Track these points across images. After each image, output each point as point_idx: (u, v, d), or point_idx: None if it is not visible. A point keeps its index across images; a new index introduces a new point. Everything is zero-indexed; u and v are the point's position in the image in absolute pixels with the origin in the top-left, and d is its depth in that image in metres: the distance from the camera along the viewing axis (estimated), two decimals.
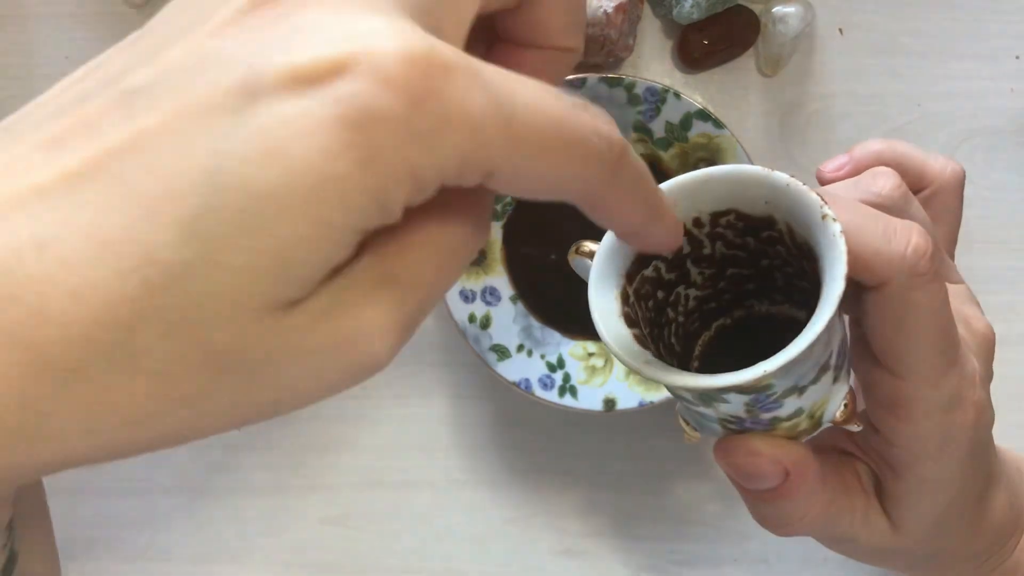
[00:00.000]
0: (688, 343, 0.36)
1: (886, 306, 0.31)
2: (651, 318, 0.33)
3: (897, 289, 0.31)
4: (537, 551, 0.56)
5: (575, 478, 0.56)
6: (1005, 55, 0.56)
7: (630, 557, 0.56)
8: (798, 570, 0.56)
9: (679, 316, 0.35)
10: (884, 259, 0.31)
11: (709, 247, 0.34)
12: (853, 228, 0.31)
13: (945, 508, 0.35)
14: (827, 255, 0.30)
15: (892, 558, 0.38)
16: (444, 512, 0.56)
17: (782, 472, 0.32)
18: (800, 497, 0.33)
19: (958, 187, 0.41)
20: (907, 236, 0.31)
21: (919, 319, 0.31)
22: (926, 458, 0.34)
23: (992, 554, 0.38)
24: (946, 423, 0.33)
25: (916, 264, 0.31)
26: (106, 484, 0.56)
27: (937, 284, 0.31)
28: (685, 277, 0.34)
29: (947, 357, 0.32)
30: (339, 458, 0.56)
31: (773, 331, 0.36)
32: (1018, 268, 0.56)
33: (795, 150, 0.56)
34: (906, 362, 0.32)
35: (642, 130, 0.53)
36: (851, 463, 0.36)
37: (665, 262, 0.33)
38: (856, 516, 0.35)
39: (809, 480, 0.33)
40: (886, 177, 0.36)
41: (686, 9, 0.53)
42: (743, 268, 0.34)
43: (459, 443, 0.56)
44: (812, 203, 0.30)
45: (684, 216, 0.32)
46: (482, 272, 0.54)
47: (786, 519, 0.34)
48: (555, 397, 0.52)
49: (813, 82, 0.56)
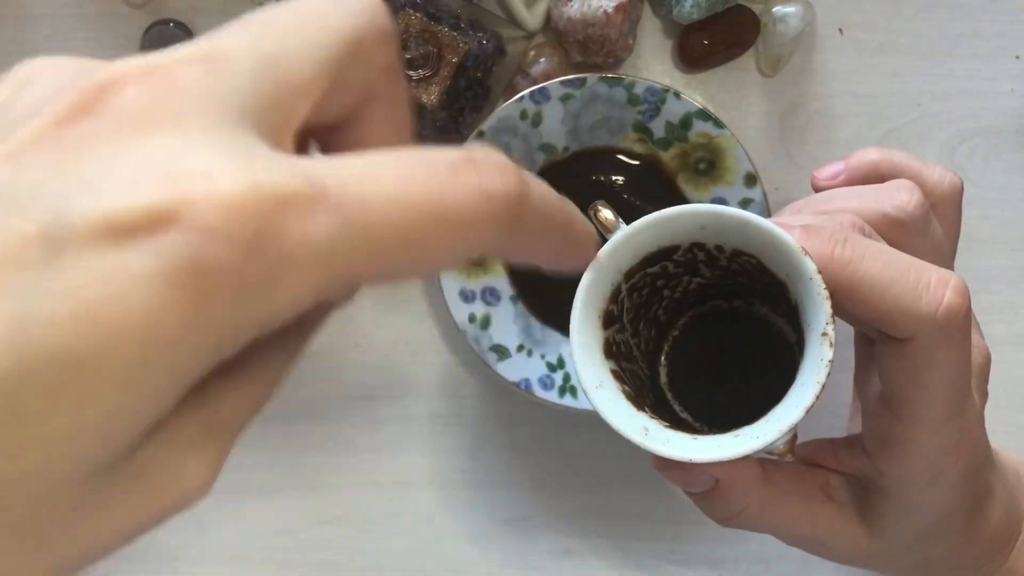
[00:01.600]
0: (677, 314, 0.37)
1: (906, 359, 0.30)
2: (641, 301, 0.34)
3: (921, 347, 0.30)
4: (537, 551, 0.56)
5: (575, 478, 0.56)
6: (1005, 55, 0.56)
7: (630, 557, 0.56)
8: (798, 570, 0.56)
9: (675, 294, 0.36)
10: (912, 318, 0.29)
11: (724, 262, 0.34)
12: (883, 280, 0.29)
13: (929, 525, 0.35)
14: (809, 363, 0.30)
15: (873, 563, 0.38)
16: (444, 512, 0.56)
17: (711, 480, 0.34)
18: (733, 497, 0.34)
19: (956, 199, 0.40)
20: (940, 294, 0.29)
21: (936, 375, 0.30)
22: (914, 490, 0.34)
23: (988, 560, 0.38)
24: (939, 463, 0.33)
25: (947, 326, 0.29)
26: None
27: (964, 344, 0.30)
28: (694, 272, 0.35)
29: (954, 408, 0.31)
30: (339, 458, 0.56)
31: (760, 334, 0.36)
32: (1018, 268, 0.56)
33: (795, 150, 0.56)
34: (913, 410, 0.31)
35: (642, 130, 0.53)
36: (819, 474, 0.36)
37: (675, 263, 0.34)
38: (817, 522, 0.36)
39: (740, 484, 0.34)
40: (910, 192, 0.35)
41: (686, 9, 0.53)
42: (754, 283, 0.35)
43: (459, 443, 0.56)
44: (821, 312, 0.30)
45: (710, 240, 0.32)
46: (482, 272, 0.54)
47: (723, 513, 0.35)
48: (555, 397, 0.52)
49: (813, 82, 0.56)
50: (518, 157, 0.53)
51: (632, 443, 0.31)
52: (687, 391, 0.36)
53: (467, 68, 0.53)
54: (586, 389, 0.31)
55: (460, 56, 0.53)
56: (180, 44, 0.17)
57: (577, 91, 0.51)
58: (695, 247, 0.33)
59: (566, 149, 0.54)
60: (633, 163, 0.54)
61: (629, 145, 0.53)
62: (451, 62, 0.53)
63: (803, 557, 0.56)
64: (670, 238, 0.32)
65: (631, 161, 0.54)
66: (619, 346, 0.33)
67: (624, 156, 0.54)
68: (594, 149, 0.54)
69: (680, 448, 0.30)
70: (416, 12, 0.53)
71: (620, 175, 0.54)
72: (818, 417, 0.40)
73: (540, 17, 0.54)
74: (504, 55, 0.54)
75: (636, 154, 0.53)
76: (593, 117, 0.53)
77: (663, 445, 0.30)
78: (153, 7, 0.55)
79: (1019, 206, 0.56)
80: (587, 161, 0.54)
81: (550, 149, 0.53)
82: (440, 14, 0.53)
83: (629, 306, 0.33)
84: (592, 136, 0.53)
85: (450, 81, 0.53)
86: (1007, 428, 0.36)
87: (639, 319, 0.35)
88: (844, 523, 0.36)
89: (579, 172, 0.54)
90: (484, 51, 0.53)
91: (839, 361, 0.34)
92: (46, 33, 0.56)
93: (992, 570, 0.38)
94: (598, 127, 0.53)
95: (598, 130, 0.53)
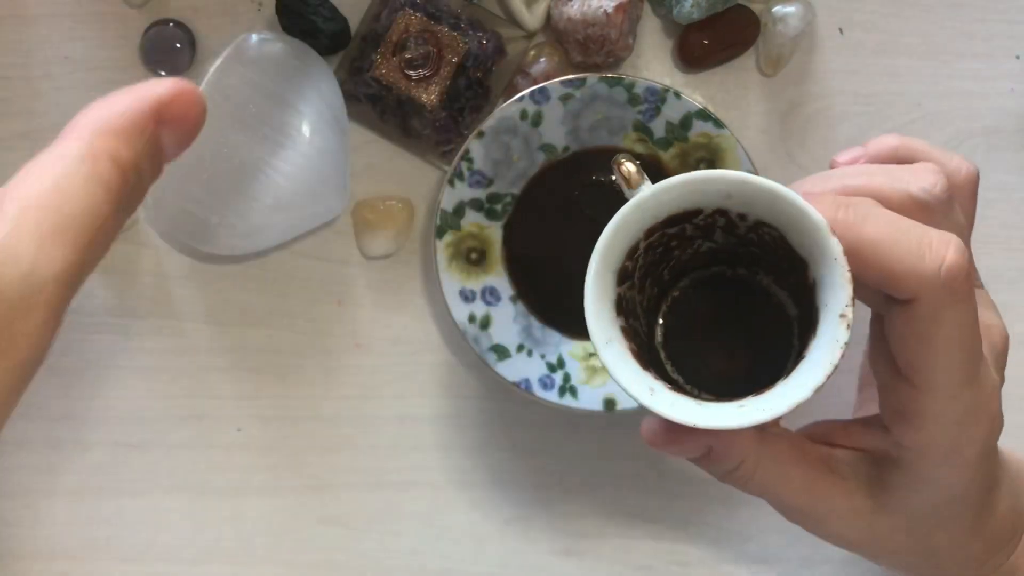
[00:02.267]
0: (680, 275, 0.37)
1: (914, 321, 0.31)
2: (653, 260, 0.34)
3: (927, 306, 0.30)
4: (537, 551, 0.56)
5: (575, 478, 0.56)
6: (1005, 55, 0.56)
7: (630, 557, 0.56)
8: (798, 570, 0.56)
9: (684, 256, 0.36)
10: (915, 276, 0.30)
11: (743, 231, 0.34)
12: (887, 240, 0.30)
13: (939, 507, 0.35)
14: (823, 342, 0.30)
15: (874, 545, 0.37)
16: (444, 512, 0.56)
17: (704, 447, 0.35)
18: (727, 458, 0.35)
19: (973, 187, 0.40)
20: (942, 253, 0.30)
21: (947, 337, 0.30)
22: (931, 463, 0.34)
23: (991, 556, 0.38)
24: (957, 434, 0.33)
25: (949, 283, 0.30)
26: (106, 484, 0.56)
27: (969, 303, 0.30)
28: (709, 237, 0.35)
29: (968, 373, 0.32)
30: (339, 458, 0.56)
31: (760, 304, 0.36)
32: (1018, 268, 0.56)
33: (795, 150, 0.56)
34: (927, 376, 0.31)
35: (642, 130, 0.53)
36: (822, 448, 0.37)
37: (694, 227, 0.33)
38: (814, 491, 0.36)
39: (734, 445, 0.35)
40: (936, 175, 0.35)
41: (686, 9, 0.53)
42: (765, 254, 0.35)
43: (459, 443, 0.56)
44: (843, 292, 0.30)
45: (734, 207, 0.32)
46: (482, 272, 0.54)
47: (717, 471, 0.36)
48: (555, 397, 0.52)
49: (813, 82, 0.56)
50: (518, 157, 0.53)
51: (638, 401, 0.30)
52: (680, 351, 0.36)
53: (467, 68, 0.53)
54: (596, 344, 0.31)
55: (460, 56, 0.53)
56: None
57: (577, 91, 0.51)
58: (718, 213, 0.32)
59: (566, 149, 0.54)
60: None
61: (629, 145, 0.53)
62: (451, 62, 0.53)
63: (803, 557, 0.56)
64: (695, 202, 0.32)
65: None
66: (627, 303, 0.33)
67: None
68: (594, 149, 0.54)
69: (685, 412, 0.30)
70: (416, 12, 0.53)
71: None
72: (819, 416, 0.40)
73: (540, 17, 0.54)
74: (504, 55, 0.54)
75: (636, 154, 0.53)
76: (593, 117, 0.53)
77: (668, 408, 0.30)
78: (153, 7, 0.55)
79: (1019, 206, 0.56)
80: (587, 161, 0.54)
81: (550, 149, 0.53)
82: (440, 14, 0.53)
83: (642, 264, 0.33)
84: (592, 136, 0.53)
85: (450, 81, 0.53)
86: (1007, 428, 0.36)
87: (646, 276, 0.34)
88: (844, 495, 0.36)
89: (579, 172, 0.54)
90: (484, 51, 0.53)
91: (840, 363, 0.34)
92: (46, 33, 0.56)
93: (994, 567, 0.38)
94: (598, 127, 0.53)
95: (598, 130, 0.53)
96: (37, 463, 0.56)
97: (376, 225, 0.55)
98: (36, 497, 0.56)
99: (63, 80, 0.56)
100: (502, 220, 0.54)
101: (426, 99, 0.53)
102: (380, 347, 0.56)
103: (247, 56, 0.51)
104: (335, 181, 0.53)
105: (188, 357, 0.56)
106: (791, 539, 0.55)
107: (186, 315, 0.56)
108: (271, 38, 0.52)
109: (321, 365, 0.56)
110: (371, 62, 0.53)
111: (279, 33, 0.54)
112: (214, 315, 0.56)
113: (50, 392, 0.55)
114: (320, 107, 0.52)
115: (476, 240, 0.54)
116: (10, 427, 0.61)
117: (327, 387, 0.56)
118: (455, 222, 0.53)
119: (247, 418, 0.56)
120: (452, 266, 0.53)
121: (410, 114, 0.54)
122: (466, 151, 0.52)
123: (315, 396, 0.56)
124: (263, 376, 0.56)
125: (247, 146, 0.51)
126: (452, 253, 0.53)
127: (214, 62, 0.52)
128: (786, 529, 0.38)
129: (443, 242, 0.53)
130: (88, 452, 0.56)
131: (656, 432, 0.34)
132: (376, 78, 0.53)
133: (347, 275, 0.56)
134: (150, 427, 0.56)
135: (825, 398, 0.48)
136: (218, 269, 0.56)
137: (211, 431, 0.56)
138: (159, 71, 0.55)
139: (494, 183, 0.53)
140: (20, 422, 0.55)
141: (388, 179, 0.56)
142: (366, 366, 0.56)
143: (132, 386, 0.56)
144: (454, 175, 0.52)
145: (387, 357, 0.56)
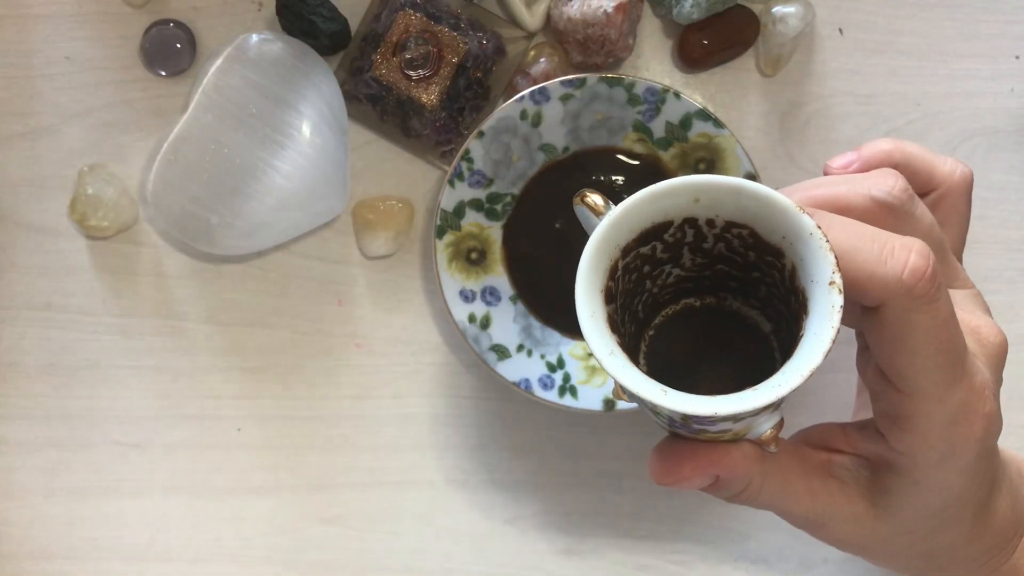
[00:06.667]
0: (652, 312, 0.37)
1: (885, 326, 0.31)
2: (629, 289, 0.34)
3: (895, 311, 0.31)
4: (537, 551, 0.56)
5: (575, 478, 0.56)
6: (1005, 55, 0.56)
7: (630, 557, 0.56)
8: (798, 570, 0.56)
9: (655, 288, 0.36)
10: (879, 282, 0.30)
11: (711, 244, 0.34)
12: (849, 248, 0.30)
13: (939, 509, 0.35)
14: (817, 314, 0.30)
15: (875, 549, 0.37)
16: (444, 512, 0.56)
17: (711, 477, 0.35)
18: (734, 482, 0.35)
19: (967, 189, 0.41)
20: (904, 257, 0.30)
21: (919, 339, 0.31)
22: (926, 466, 0.34)
23: (992, 556, 0.38)
24: (951, 436, 0.33)
25: (913, 287, 0.30)
26: (106, 484, 0.56)
27: (938, 304, 0.31)
28: (677, 259, 0.35)
29: (952, 373, 0.32)
30: (339, 458, 0.56)
31: (734, 328, 0.37)
32: (1018, 268, 0.56)
33: (795, 150, 0.56)
34: (909, 379, 0.32)
35: (642, 130, 0.53)
36: (822, 454, 0.37)
37: (664, 244, 0.34)
38: (817, 498, 0.36)
39: (739, 468, 0.35)
40: (895, 177, 0.36)
41: (686, 9, 0.53)
42: (733, 269, 0.35)
43: (459, 443, 0.56)
44: (826, 263, 0.30)
45: (702, 213, 0.32)
46: (482, 272, 0.54)
47: (727, 495, 0.36)
48: (555, 397, 0.52)
49: (813, 82, 0.56)
50: (518, 157, 0.53)
51: (652, 403, 0.30)
52: (668, 384, 0.36)
53: (467, 68, 0.53)
54: (599, 356, 0.31)
55: (460, 56, 0.53)
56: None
57: (577, 91, 0.51)
58: (687, 223, 0.33)
59: (566, 149, 0.54)
60: (633, 163, 0.54)
61: (629, 145, 0.53)
62: (451, 62, 0.53)
63: (803, 557, 0.56)
64: (664, 212, 0.32)
65: (631, 161, 0.54)
66: (616, 325, 0.33)
67: (624, 156, 0.54)
68: (594, 149, 0.54)
69: (701, 405, 0.29)
70: (416, 12, 0.53)
71: (620, 175, 0.54)
72: (819, 417, 0.40)
73: (540, 17, 0.54)
74: (504, 55, 0.54)
75: (636, 154, 0.53)
76: (593, 117, 0.53)
77: (683, 403, 0.30)
78: (153, 7, 0.55)
79: (1019, 206, 0.56)
80: (587, 161, 0.54)
81: (550, 149, 0.53)
82: (440, 14, 0.53)
83: (621, 289, 0.34)
84: (592, 136, 0.53)
85: (450, 81, 0.53)
86: (1007, 428, 0.36)
87: (625, 309, 0.35)
88: (846, 501, 0.36)
89: (579, 172, 0.54)
90: (484, 51, 0.53)
91: (839, 360, 0.34)
92: (46, 33, 0.56)
93: (995, 567, 0.38)
94: (598, 127, 0.53)
95: (598, 130, 0.53)
96: (37, 463, 0.56)
97: (376, 225, 0.55)
98: (36, 497, 0.56)
99: (63, 80, 0.56)
100: (502, 220, 0.54)
101: (426, 99, 0.53)
102: (380, 347, 0.56)
103: (247, 56, 0.51)
104: (335, 181, 0.53)
105: (188, 357, 0.56)
106: (791, 539, 0.55)
107: (186, 315, 0.56)
108: (271, 38, 0.52)
109: (321, 365, 0.56)
110: (371, 62, 0.53)
111: (279, 33, 0.54)
112: (214, 315, 0.56)
113: (50, 392, 0.55)
114: (320, 107, 0.52)
115: (476, 240, 0.54)
116: (10, 427, 0.61)
117: (327, 387, 0.56)
118: (455, 222, 0.53)
119: (247, 418, 0.56)
120: (452, 266, 0.53)
121: (410, 114, 0.54)
122: (466, 151, 0.52)
123: (315, 396, 0.56)
124: (263, 376, 0.56)
125: (247, 146, 0.51)
126: (452, 253, 0.53)
127: (214, 62, 0.52)
128: (786, 529, 0.38)
129: (443, 242, 0.53)
130: (88, 452, 0.56)
131: (662, 469, 0.35)
132: (376, 78, 0.53)
133: (347, 275, 0.56)
134: (150, 427, 0.56)
135: (825, 398, 0.48)
136: (218, 269, 0.56)
137: (211, 431, 0.56)
138: (159, 71, 0.55)
139: (494, 183, 0.53)
140: (20, 422, 0.55)
141: (388, 179, 0.56)
142: (366, 366, 0.56)
143: (132, 386, 0.56)
144: (454, 175, 0.52)
145: (387, 357, 0.56)
